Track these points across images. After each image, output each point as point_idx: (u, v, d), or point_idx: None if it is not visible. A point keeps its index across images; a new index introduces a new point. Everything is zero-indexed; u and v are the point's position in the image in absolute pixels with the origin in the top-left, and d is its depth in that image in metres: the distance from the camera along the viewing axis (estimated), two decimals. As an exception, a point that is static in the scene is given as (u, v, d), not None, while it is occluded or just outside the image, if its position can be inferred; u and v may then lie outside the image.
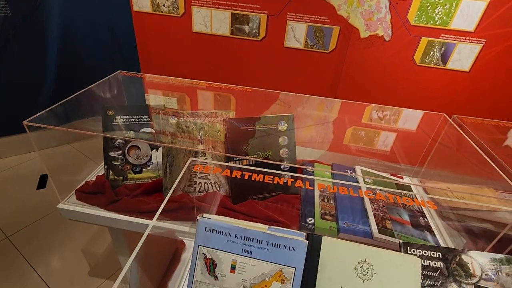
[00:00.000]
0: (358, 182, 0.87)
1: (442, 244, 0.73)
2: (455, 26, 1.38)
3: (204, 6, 1.57)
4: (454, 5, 1.34)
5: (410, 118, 1.27)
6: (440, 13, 1.37)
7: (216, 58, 1.71)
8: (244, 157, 0.78)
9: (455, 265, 0.50)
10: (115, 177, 0.81)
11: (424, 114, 1.20)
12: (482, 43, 1.39)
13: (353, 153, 1.30)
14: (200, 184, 0.79)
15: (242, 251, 0.46)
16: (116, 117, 0.79)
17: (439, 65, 1.49)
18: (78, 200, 0.81)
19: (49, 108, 0.72)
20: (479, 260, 0.51)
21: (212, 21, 1.61)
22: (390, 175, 0.98)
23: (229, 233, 0.46)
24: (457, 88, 1.52)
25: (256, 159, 0.77)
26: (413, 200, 0.79)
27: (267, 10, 1.53)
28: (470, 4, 1.32)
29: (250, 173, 0.67)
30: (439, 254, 0.52)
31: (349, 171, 0.92)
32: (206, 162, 0.74)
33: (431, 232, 0.75)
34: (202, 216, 0.47)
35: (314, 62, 1.62)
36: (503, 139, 1.00)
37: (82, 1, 1.64)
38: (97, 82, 0.86)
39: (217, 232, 0.46)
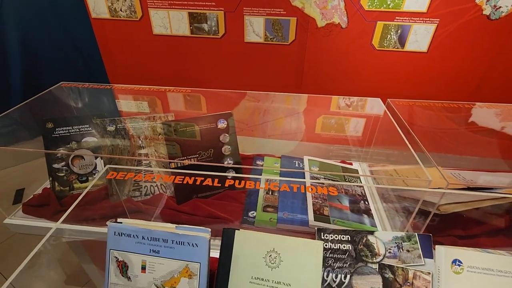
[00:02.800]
0: (304, 173, 0.89)
1: (379, 226, 0.76)
2: (408, 8, 1.39)
3: (160, 8, 1.57)
4: (404, -13, 1.35)
5: (355, 105, 1.28)
6: (391, -4, 1.38)
7: (179, 59, 1.72)
8: (185, 158, 0.80)
9: (362, 246, 0.53)
10: (61, 188, 0.83)
11: (367, 100, 1.22)
12: (436, 23, 1.40)
13: (310, 140, 1.32)
14: (146, 187, 0.81)
15: (150, 251, 0.48)
16: (56, 129, 0.81)
17: (397, 48, 1.50)
18: (25, 214, 0.83)
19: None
20: (383, 240, 0.53)
21: (170, 22, 1.61)
22: (340, 162, 1.00)
23: (136, 235, 0.48)
24: (418, 69, 1.54)
25: (198, 161, 0.79)
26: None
27: (223, 6, 1.53)
28: (420, -16, 1.33)
29: (196, 177, 0.69)
30: (348, 237, 0.54)
31: (297, 161, 0.94)
32: (136, 169, 0.75)
33: (370, 215, 0.78)
34: (115, 221, 0.49)
35: (276, 54, 1.63)
36: (428, 118, 1.02)
37: (40, 15, 1.64)
38: (36, 96, 0.87)
39: (126, 235, 0.48)
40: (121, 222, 0.50)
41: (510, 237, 0.72)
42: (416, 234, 0.53)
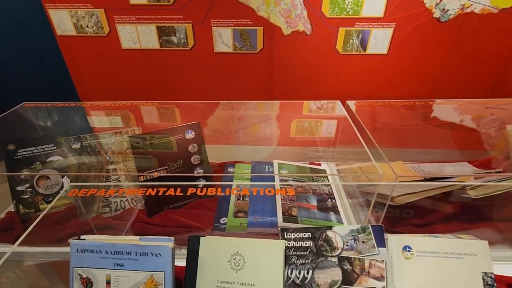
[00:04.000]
0: (274, 177, 0.92)
1: (344, 221, 0.80)
2: (366, 14, 1.48)
3: (128, 23, 1.58)
4: (360, -5, 1.43)
5: (324, 108, 1.34)
6: (350, 3, 1.46)
7: (150, 72, 1.72)
8: (154, 170, 0.81)
9: (322, 241, 0.56)
10: (26, 210, 0.82)
11: (332, 103, 1.28)
12: (392, 27, 1.49)
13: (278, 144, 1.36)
14: (116, 203, 0.81)
15: (114, 265, 0.49)
16: (19, 151, 0.80)
17: (360, 52, 1.58)
18: (-11, 240, 0.80)
19: None
20: (341, 234, 0.56)
21: (139, 36, 1.62)
22: (309, 163, 1.04)
23: (99, 250, 0.49)
24: (380, 70, 1.62)
25: (167, 173, 0.80)
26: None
27: (191, 19, 1.56)
28: (374, -8, 1.41)
29: (164, 188, 0.70)
30: (309, 234, 0.57)
31: (267, 166, 0.97)
32: (100, 185, 0.75)
33: (336, 212, 0.82)
34: (77, 239, 0.50)
35: (246, 63, 1.67)
36: (389, 117, 1.09)
37: (2, 34, 1.60)
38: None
39: (89, 251, 0.49)
40: (84, 239, 0.50)
41: (463, 221, 0.77)
42: (369, 225, 0.57)
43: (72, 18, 1.57)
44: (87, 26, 1.60)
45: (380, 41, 1.54)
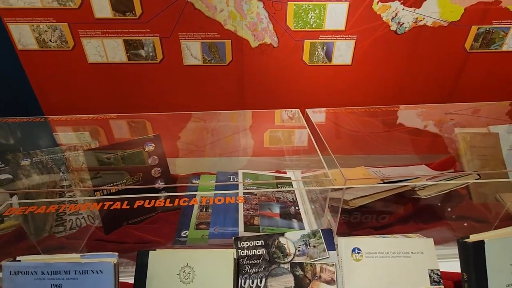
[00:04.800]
0: (238, 187, 0.92)
1: (307, 227, 0.80)
2: (329, 27, 1.54)
3: (93, 37, 1.56)
4: (322, 9, 1.50)
5: (292, 118, 1.37)
6: (313, 17, 1.52)
7: (119, 86, 1.70)
8: (112, 185, 0.79)
9: (274, 248, 0.56)
10: (-30, 233, 0.76)
11: (286, 111, 1.31)
12: (354, 39, 1.56)
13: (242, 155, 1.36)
14: (71, 221, 0.78)
15: (51, 287, 0.46)
16: (-38, 170, 0.75)
17: (325, 63, 1.64)
18: None
19: None
20: (292, 239, 0.57)
21: (106, 50, 1.60)
22: (275, 172, 1.05)
23: (35, 272, 0.46)
24: (345, 80, 1.69)
25: (126, 185, 0.78)
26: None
27: (158, 33, 1.56)
28: (335, 6, 1.49)
29: (118, 200, 0.68)
30: (261, 242, 0.57)
31: (232, 176, 0.96)
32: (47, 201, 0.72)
33: (299, 219, 0.82)
34: (13, 260, 0.47)
35: (216, 75, 1.69)
36: (345, 124, 1.13)
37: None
38: None
39: (23, 273, 0.46)
40: (19, 260, 0.47)
41: (419, 222, 0.80)
42: (319, 229, 0.58)
43: (33, 32, 1.53)
44: (50, 40, 1.56)
45: (343, 52, 1.61)
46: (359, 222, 0.78)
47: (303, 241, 0.56)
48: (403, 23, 1.52)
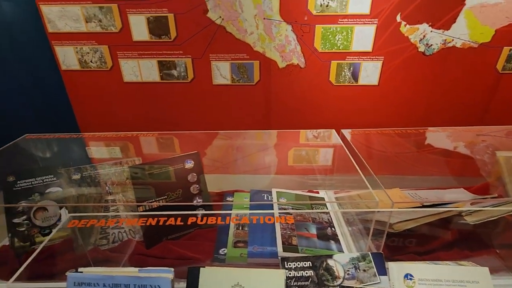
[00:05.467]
0: (273, 206, 0.92)
1: (345, 249, 0.79)
2: (356, 48, 1.57)
3: (130, 58, 1.66)
4: (349, 32, 1.53)
5: (320, 137, 1.38)
6: (340, 39, 1.55)
7: (151, 104, 1.77)
8: (153, 200, 0.81)
9: (322, 270, 0.55)
10: (21, 243, 0.80)
11: (326, 132, 1.32)
12: (381, 60, 1.58)
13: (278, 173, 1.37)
14: (114, 234, 0.80)
15: (112, 299, 0.47)
16: (18, 182, 0.80)
17: (352, 83, 1.66)
18: (-20, 277, 0.77)
19: None
20: (341, 262, 0.56)
21: (141, 70, 1.69)
22: (307, 191, 1.05)
23: (97, 283, 0.48)
24: (372, 100, 1.69)
25: (167, 202, 0.80)
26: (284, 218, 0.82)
27: (190, 54, 1.64)
28: (362, 29, 1.52)
29: (163, 217, 0.70)
30: (309, 263, 0.57)
31: (266, 195, 0.97)
32: (99, 216, 0.75)
33: (336, 241, 0.81)
34: (75, 271, 0.49)
35: (243, 95, 1.73)
36: (383, 144, 1.12)
37: (4, 66, 1.66)
38: (1, 148, 0.86)
39: (87, 284, 0.48)
40: (81, 272, 0.50)
41: (464, 248, 0.77)
42: (369, 253, 0.57)
43: (77, 54, 1.65)
44: (91, 61, 1.67)
45: (370, 73, 1.62)
46: (402, 246, 0.76)
47: (353, 264, 0.56)
48: (431, 45, 1.52)
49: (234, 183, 1.18)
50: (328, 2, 1.47)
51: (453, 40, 1.49)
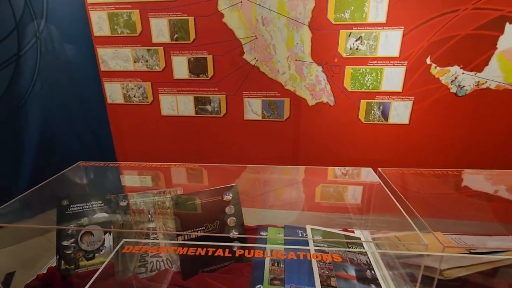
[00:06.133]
0: (308, 243, 0.91)
1: (388, 296, 0.75)
2: (385, 88, 1.61)
3: (170, 94, 1.79)
4: (379, 73, 1.58)
5: (350, 174, 1.37)
6: (369, 80, 1.60)
7: (185, 137, 1.87)
8: (192, 231, 0.83)
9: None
10: (67, 266, 0.83)
11: (361, 170, 1.31)
12: (411, 100, 1.60)
13: (314, 210, 1.35)
14: (152, 263, 0.82)
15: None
16: (71, 206, 0.85)
17: (382, 121, 1.67)
18: (26, 297, 0.80)
19: (3, 206, 0.78)
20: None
21: (178, 105, 1.81)
22: (342, 230, 1.03)
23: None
24: (402, 139, 1.68)
25: (204, 233, 0.82)
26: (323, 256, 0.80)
27: (225, 91, 1.75)
28: (392, 70, 1.57)
29: (200, 248, 0.71)
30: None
31: (300, 231, 0.96)
32: (148, 242, 0.78)
33: (377, 285, 0.77)
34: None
35: (273, 130, 1.79)
36: (421, 185, 1.09)
37: (60, 99, 1.84)
38: (56, 175, 0.94)
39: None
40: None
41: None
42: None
43: (122, 89, 1.81)
44: (134, 96, 1.82)
45: (400, 112, 1.63)
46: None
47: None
48: (463, 86, 1.53)
49: (266, 217, 1.18)
50: (358, 46, 1.55)
51: (486, 82, 1.50)
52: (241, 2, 1.54)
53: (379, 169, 1.03)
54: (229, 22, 1.59)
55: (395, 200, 0.80)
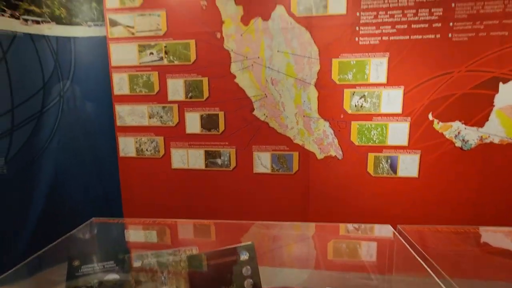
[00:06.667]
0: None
1: None
2: (391, 142, 1.65)
3: (181, 147, 1.84)
4: (384, 128, 1.65)
5: (363, 230, 1.33)
6: (375, 134, 1.66)
7: (193, 189, 1.86)
8: (207, 294, 0.78)
9: None
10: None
11: (374, 227, 1.28)
12: (418, 153, 1.63)
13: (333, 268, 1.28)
14: (163, 332, 0.75)
15: None
16: (82, 267, 0.82)
17: (391, 175, 1.68)
18: None
19: (16, 267, 0.75)
20: None
21: (189, 158, 1.85)
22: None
23: None
24: (412, 192, 1.66)
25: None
26: None
27: (235, 145, 1.80)
28: (396, 126, 1.63)
29: None
30: None
31: (320, 295, 0.90)
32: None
33: None
34: None
35: (282, 183, 1.79)
36: (438, 243, 1.06)
37: (74, 152, 1.89)
38: (70, 232, 0.93)
39: None
40: None
41: None
42: None
43: (136, 143, 1.87)
44: (146, 150, 1.87)
45: (409, 165, 1.65)
46: None
47: None
48: (468, 140, 1.57)
49: (278, 276, 1.11)
50: (362, 103, 1.64)
51: (489, 136, 1.54)
52: (252, 65, 1.69)
53: (399, 226, 1.01)
54: (240, 82, 1.72)
55: (421, 260, 0.77)
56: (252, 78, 1.70)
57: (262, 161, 1.79)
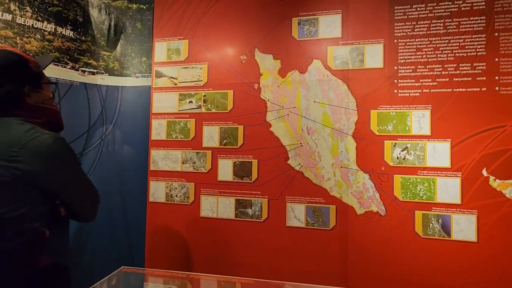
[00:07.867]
0: None
1: None
2: (441, 200, 1.50)
3: (211, 195, 1.78)
4: (432, 183, 1.51)
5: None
6: (422, 190, 1.52)
7: (220, 241, 1.74)
8: None
9: None
10: None
11: None
12: (475, 214, 1.45)
13: None
14: None
15: None
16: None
17: (443, 237, 1.49)
18: None
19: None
20: None
21: (218, 207, 1.77)
22: None
23: None
24: (470, 259, 1.44)
25: None
26: None
27: (268, 195, 1.71)
28: (445, 181, 1.49)
29: None
30: None
31: None
32: None
33: None
34: None
35: (318, 239, 1.63)
36: None
37: (105, 195, 1.88)
38: (100, 281, 0.85)
39: None
40: None
41: None
42: None
43: (166, 188, 1.84)
44: (176, 196, 1.83)
45: (464, 227, 1.46)
46: None
47: None
48: (533, 201, 1.39)
49: None
50: (405, 156, 1.54)
51: (560, 197, 1.36)
52: (288, 114, 1.69)
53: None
54: (275, 131, 1.71)
55: None
56: (288, 127, 1.70)
57: (296, 214, 1.68)
